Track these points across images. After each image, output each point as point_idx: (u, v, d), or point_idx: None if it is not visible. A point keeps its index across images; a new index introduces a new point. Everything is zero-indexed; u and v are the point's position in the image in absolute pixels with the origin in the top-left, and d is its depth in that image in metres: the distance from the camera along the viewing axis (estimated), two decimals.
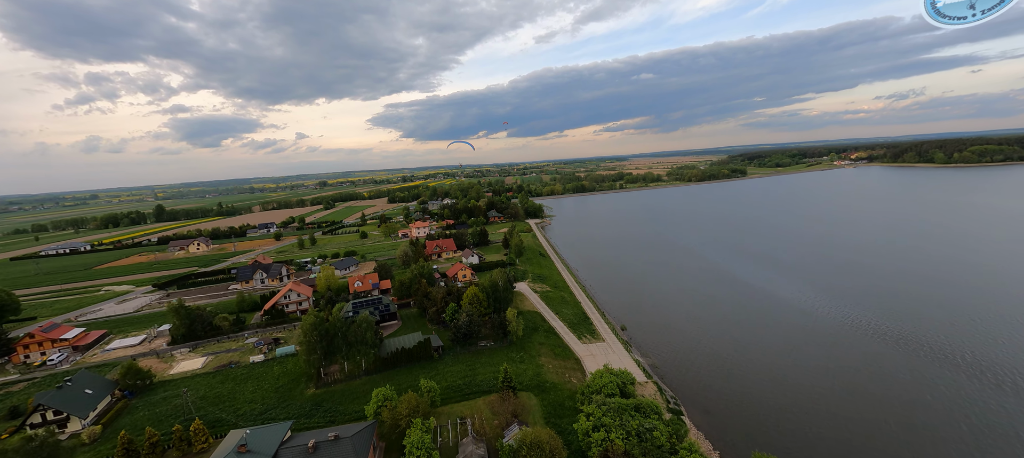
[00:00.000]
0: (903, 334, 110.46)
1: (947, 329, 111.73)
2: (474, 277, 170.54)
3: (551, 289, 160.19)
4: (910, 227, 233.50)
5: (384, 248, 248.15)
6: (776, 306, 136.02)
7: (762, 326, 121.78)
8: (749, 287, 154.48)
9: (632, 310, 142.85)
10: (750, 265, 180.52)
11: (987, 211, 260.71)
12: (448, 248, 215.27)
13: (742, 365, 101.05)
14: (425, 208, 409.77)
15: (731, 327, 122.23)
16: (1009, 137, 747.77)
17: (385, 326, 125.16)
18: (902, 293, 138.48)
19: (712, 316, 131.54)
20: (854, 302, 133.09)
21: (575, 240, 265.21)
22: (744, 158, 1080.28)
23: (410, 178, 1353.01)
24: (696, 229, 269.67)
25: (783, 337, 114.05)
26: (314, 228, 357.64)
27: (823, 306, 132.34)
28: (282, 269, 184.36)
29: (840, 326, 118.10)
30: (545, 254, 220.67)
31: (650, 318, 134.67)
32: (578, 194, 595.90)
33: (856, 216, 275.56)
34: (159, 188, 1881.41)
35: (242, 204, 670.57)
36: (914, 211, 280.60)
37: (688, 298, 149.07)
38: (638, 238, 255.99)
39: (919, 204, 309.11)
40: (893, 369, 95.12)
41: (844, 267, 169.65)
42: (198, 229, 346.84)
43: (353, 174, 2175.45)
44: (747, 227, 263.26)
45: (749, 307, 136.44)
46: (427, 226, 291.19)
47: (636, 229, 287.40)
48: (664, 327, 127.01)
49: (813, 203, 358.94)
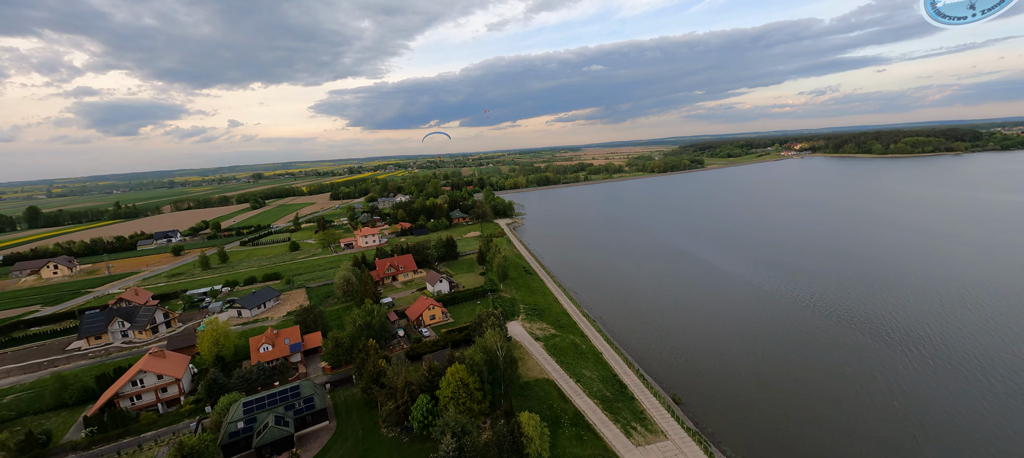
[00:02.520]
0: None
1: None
2: (447, 315, 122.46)
3: (555, 331, 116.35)
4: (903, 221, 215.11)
5: (320, 266, 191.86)
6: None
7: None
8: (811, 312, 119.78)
9: (675, 362, 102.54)
10: (784, 276, 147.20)
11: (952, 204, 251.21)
12: (405, 267, 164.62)
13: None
14: (375, 208, 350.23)
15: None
16: (936, 130, 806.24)
17: (307, 439, 75.00)
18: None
19: (806, 376, 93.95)
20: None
21: (558, 245, 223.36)
22: (695, 148, 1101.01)
23: (358, 170, 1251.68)
24: (693, 228, 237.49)
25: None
26: (232, 236, 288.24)
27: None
28: (156, 314, 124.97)
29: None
30: (530, 269, 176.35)
31: (706, 377, 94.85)
32: (543, 187, 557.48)
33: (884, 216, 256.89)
34: (59, 182, 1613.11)
35: (149, 203, 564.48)
36: (890, 207, 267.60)
37: (740, 338, 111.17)
38: (635, 243, 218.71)
39: (880, 196, 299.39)
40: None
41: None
42: (69, 242, 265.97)
43: (295, 165, 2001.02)
44: (744, 220, 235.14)
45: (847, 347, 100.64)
46: (377, 233, 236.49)
47: (626, 230, 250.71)
48: (729, 390, 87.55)
49: (814, 198, 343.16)
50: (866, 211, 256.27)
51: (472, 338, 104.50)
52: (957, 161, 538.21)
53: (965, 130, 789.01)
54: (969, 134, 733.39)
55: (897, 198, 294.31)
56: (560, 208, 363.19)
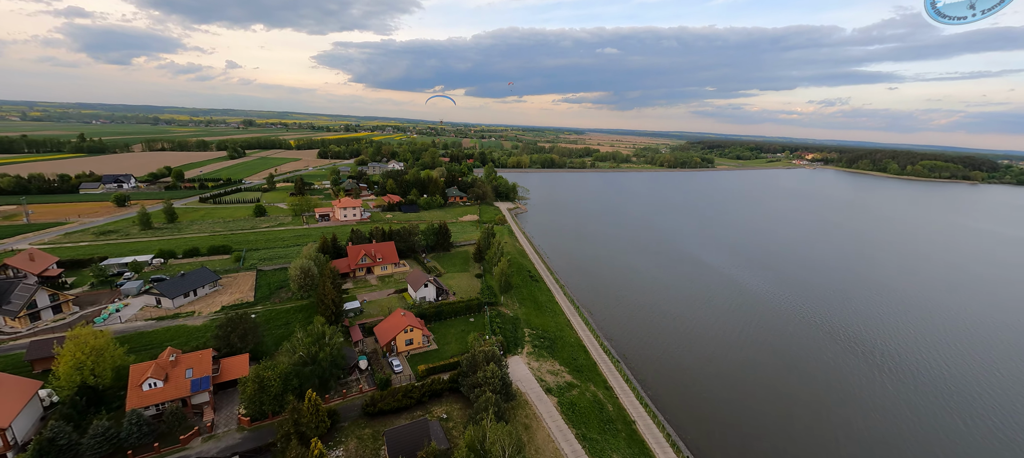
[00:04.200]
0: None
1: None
2: (429, 340, 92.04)
3: (572, 377, 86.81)
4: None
5: (284, 241, 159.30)
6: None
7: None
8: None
9: (730, 440, 74.08)
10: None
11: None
12: (385, 258, 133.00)
13: None
14: (363, 174, 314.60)
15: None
16: (952, 156, 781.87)
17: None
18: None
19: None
20: None
21: (567, 243, 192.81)
22: (703, 146, 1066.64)
23: (355, 128, 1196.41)
24: (727, 243, 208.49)
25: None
26: (195, 188, 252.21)
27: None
28: (39, 293, 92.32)
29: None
30: (536, 274, 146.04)
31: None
32: (547, 170, 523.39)
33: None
34: (41, 105, 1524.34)
35: (120, 139, 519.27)
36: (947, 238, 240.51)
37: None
38: (656, 250, 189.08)
39: (927, 230, 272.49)
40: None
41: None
42: (18, 174, 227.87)
43: (291, 116, 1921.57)
44: (782, 238, 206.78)
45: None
46: (359, 205, 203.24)
47: (645, 234, 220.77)
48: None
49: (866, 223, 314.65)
50: (931, 257, 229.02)
51: (459, 386, 74.84)
52: (975, 191, 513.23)
53: (982, 159, 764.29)
54: (986, 164, 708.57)
55: (949, 233, 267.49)
56: (567, 197, 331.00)
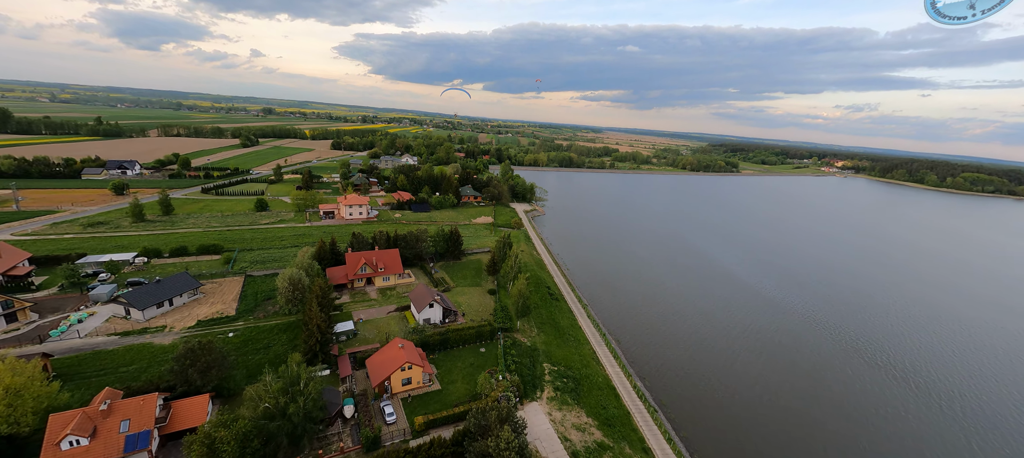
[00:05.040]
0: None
1: None
2: (431, 380, 77.09)
3: (601, 433, 70.99)
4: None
5: (282, 240, 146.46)
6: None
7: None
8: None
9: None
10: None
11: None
12: (388, 268, 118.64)
13: None
14: (374, 167, 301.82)
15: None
16: (994, 168, 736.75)
17: None
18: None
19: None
20: None
21: (588, 254, 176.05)
22: (725, 149, 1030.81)
23: (372, 119, 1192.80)
24: (773, 264, 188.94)
25: None
26: (200, 177, 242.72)
27: None
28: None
29: None
30: (557, 292, 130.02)
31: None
32: (564, 168, 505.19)
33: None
34: (72, 88, 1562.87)
35: (137, 123, 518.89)
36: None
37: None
38: (689, 267, 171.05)
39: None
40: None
41: None
42: (23, 157, 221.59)
43: (311, 105, 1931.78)
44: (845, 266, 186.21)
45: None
46: (367, 203, 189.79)
47: (675, 247, 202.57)
48: None
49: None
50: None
51: (465, 451, 59.58)
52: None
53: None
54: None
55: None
56: (587, 200, 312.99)
